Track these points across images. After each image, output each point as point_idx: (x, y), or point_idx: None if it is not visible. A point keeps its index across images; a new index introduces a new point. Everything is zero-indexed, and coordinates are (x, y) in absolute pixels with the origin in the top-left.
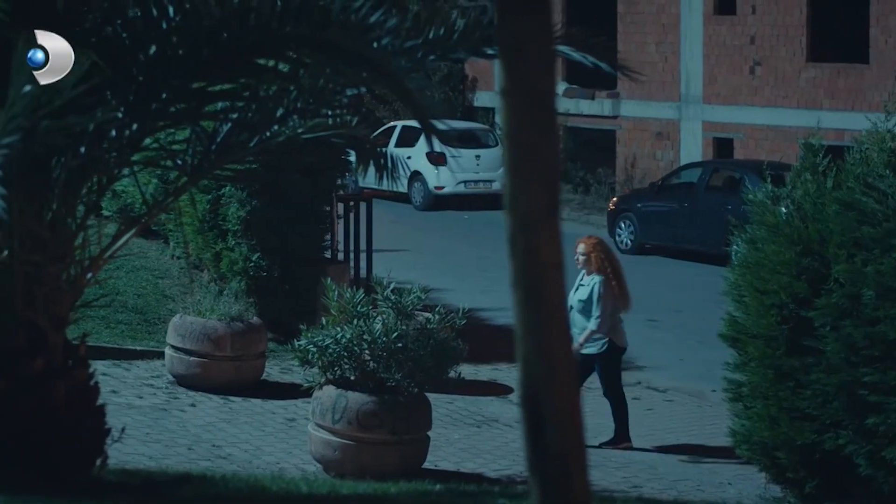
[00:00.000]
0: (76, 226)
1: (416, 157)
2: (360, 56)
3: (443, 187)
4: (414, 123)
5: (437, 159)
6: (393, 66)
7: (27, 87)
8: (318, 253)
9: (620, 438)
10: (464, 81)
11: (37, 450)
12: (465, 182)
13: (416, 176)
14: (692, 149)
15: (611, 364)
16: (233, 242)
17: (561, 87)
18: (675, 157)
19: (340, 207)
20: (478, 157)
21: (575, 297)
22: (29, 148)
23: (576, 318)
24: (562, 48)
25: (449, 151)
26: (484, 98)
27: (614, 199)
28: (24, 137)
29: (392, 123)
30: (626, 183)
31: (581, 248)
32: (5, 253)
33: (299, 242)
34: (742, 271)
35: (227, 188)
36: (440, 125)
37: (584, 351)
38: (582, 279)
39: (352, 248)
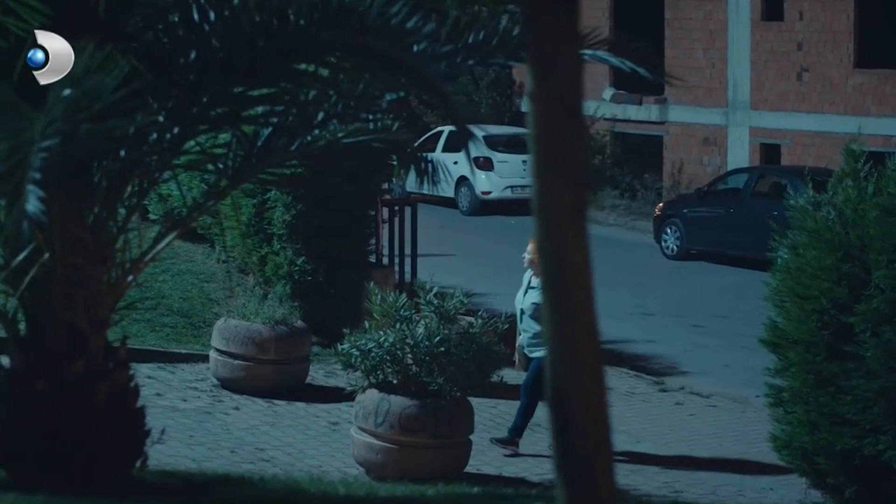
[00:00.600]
0: (117, 228)
1: (462, 162)
2: (396, 61)
3: (489, 192)
4: None
5: (483, 164)
6: (430, 71)
7: (67, 91)
8: (363, 257)
9: (513, 437)
10: (511, 86)
11: (77, 451)
12: (511, 187)
13: (462, 181)
14: (739, 155)
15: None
16: (278, 246)
17: (608, 92)
18: (723, 163)
19: (385, 212)
20: (525, 162)
21: (527, 300)
22: (69, 151)
23: (527, 322)
24: (600, 53)
25: (495, 156)
26: None
27: (660, 204)
28: (63, 141)
29: (439, 128)
30: (673, 188)
31: (531, 247)
32: (46, 255)
33: (344, 247)
34: (783, 277)
35: (273, 192)
36: (477, 130)
37: (534, 354)
38: (531, 282)
39: (396, 252)
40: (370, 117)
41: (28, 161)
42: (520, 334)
